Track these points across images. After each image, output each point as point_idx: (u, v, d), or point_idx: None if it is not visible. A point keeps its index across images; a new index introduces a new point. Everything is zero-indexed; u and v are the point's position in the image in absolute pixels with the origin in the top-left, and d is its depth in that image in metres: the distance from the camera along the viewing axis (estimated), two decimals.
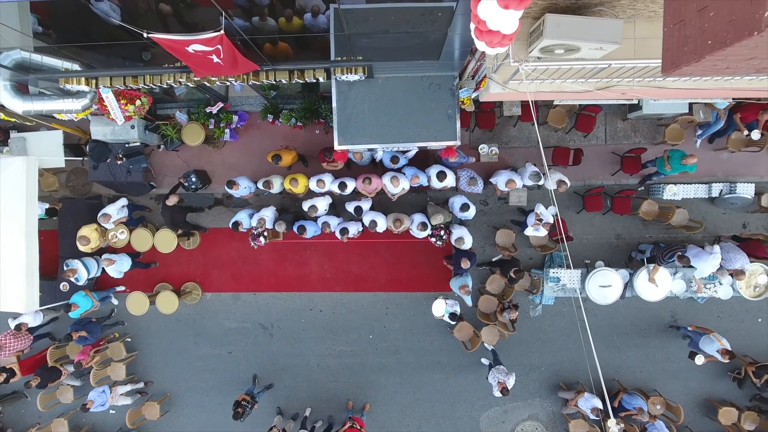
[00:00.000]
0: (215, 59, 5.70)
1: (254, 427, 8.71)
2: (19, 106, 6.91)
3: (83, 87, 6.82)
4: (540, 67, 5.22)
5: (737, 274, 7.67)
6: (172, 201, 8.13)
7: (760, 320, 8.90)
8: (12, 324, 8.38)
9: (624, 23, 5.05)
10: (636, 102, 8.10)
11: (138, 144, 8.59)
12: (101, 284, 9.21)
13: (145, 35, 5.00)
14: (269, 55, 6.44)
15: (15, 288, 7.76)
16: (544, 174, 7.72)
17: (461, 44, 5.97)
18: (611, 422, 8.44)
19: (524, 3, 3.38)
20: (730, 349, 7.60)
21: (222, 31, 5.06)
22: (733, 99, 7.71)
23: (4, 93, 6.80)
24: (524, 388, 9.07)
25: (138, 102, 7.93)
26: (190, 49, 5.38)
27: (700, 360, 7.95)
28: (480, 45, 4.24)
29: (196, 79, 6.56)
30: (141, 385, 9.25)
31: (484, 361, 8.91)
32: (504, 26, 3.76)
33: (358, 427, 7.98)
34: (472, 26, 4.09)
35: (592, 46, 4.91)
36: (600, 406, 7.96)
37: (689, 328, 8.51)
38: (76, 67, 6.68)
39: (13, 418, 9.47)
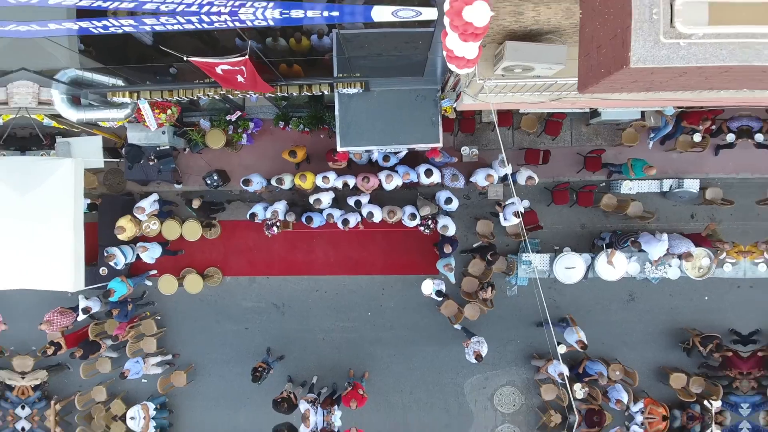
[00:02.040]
0: (239, 78, 7.02)
1: (268, 393, 9.83)
2: (74, 115, 8.19)
3: (126, 99, 8.08)
4: (501, 83, 6.55)
5: (686, 256, 8.88)
6: (196, 204, 9.50)
7: (706, 298, 10.18)
8: (81, 306, 9.66)
9: (569, 48, 6.33)
10: (594, 110, 9.43)
11: (167, 147, 9.81)
12: (134, 270, 10.50)
13: (185, 58, 6.29)
14: (281, 72, 7.76)
15: (65, 271, 9.09)
16: (506, 159, 8.81)
17: (441, 64, 7.28)
18: (577, 386, 9.80)
19: (478, 37, 4.65)
20: (585, 341, 8.84)
21: (247, 56, 6.36)
22: (678, 107, 9.03)
23: (62, 104, 8.07)
24: (502, 358, 10.37)
25: (169, 111, 9.24)
26: (219, 69, 6.69)
27: (562, 349, 9.09)
28: (452, 67, 5.54)
29: (222, 92, 7.88)
30: (170, 357, 10.50)
31: (457, 326, 10.07)
32: (467, 53, 5.02)
33: (360, 392, 9.28)
34: (444, 52, 5.41)
35: (543, 67, 6.05)
36: (566, 372, 9.23)
37: (565, 316, 9.87)
38: (119, 82, 7.98)
39: (57, 386, 10.74)
